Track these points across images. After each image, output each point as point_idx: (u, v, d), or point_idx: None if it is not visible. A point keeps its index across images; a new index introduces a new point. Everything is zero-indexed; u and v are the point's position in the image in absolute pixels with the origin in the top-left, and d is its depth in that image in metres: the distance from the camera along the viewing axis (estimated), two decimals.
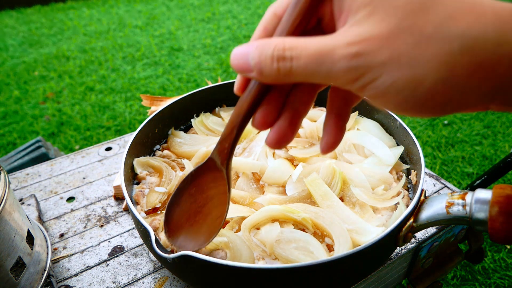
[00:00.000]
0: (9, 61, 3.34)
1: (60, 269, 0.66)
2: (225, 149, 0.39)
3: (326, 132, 0.34)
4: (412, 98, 0.25)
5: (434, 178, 0.82)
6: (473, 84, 0.24)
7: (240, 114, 0.34)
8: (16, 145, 2.27)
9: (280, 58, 0.27)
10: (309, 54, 0.26)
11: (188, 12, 4.38)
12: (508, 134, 2.15)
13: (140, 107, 2.58)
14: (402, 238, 0.52)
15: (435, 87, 0.24)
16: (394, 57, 0.24)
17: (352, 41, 0.25)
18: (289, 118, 0.33)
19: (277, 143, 0.33)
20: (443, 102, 0.25)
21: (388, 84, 0.25)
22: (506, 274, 1.42)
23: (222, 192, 0.43)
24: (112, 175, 0.87)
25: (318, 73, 0.26)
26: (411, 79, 0.25)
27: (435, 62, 0.24)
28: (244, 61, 0.29)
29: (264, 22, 0.32)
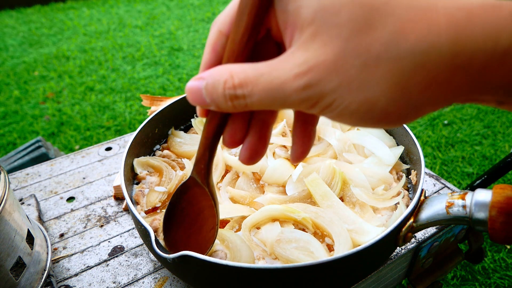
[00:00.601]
0: (9, 61, 3.34)
1: (60, 269, 0.66)
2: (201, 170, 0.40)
3: (295, 141, 0.33)
4: (368, 118, 0.25)
5: (434, 178, 0.82)
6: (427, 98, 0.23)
7: (208, 137, 0.34)
8: (16, 145, 2.27)
9: (233, 97, 0.27)
10: (260, 90, 0.26)
11: (188, 12, 4.38)
12: (508, 134, 2.15)
13: (140, 107, 2.58)
14: (402, 238, 0.52)
15: (388, 107, 0.24)
16: (344, 83, 0.24)
17: (299, 72, 0.24)
18: (258, 132, 0.33)
19: (250, 159, 0.33)
20: (400, 117, 0.25)
21: (342, 108, 0.25)
22: (506, 274, 1.42)
23: (209, 206, 0.45)
24: (112, 175, 0.87)
25: (274, 105, 0.26)
26: (363, 102, 0.24)
27: (385, 84, 0.23)
28: (199, 98, 0.28)
29: (211, 43, 0.31)
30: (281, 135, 0.76)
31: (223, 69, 0.27)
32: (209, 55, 0.31)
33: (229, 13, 0.30)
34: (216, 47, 0.31)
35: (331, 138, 0.72)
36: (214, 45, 0.31)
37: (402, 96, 0.23)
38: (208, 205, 0.45)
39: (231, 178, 0.68)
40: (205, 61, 0.31)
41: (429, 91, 0.23)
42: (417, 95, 0.23)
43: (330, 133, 0.73)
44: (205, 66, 0.31)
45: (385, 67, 0.23)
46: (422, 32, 0.22)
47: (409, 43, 0.22)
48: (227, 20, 0.30)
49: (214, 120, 0.33)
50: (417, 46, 0.22)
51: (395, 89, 0.23)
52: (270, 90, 0.25)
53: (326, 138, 0.73)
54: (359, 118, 0.25)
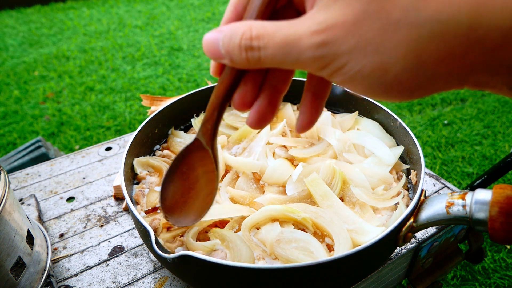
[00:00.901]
0: (9, 61, 3.34)
1: (60, 269, 0.66)
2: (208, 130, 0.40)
3: (302, 111, 0.33)
4: (379, 85, 0.25)
5: (434, 178, 0.82)
6: (442, 71, 0.23)
7: (219, 96, 0.34)
8: (16, 145, 2.27)
9: (248, 48, 0.27)
10: (275, 43, 0.26)
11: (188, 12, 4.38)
12: (508, 134, 2.15)
13: (140, 107, 2.58)
14: (402, 238, 0.52)
15: (402, 75, 0.24)
16: (360, 45, 0.24)
17: (317, 30, 0.25)
18: (268, 97, 0.33)
19: (258, 122, 0.33)
20: (411, 88, 0.25)
21: (355, 71, 0.25)
22: (506, 274, 1.42)
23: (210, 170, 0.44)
24: (112, 175, 0.87)
25: (287, 61, 0.26)
26: (377, 66, 0.24)
27: (402, 49, 0.23)
28: (215, 48, 0.29)
29: (233, 2, 0.31)
30: (281, 135, 0.76)
31: (243, 23, 0.28)
32: (230, 13, 0.31)
33: None
34: (238, 7, 0.31)
35: (331, 138, 0.72)
36: (236, 4, 0.31)
37: (417, 64, 0.23)
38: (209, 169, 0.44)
39: (231, 178, 0.68)
40: (225, 18, 0.32)
41: (444, 63, 0.23)
42: (431, 66, 0.23)
43: (330, 133, 0.73)
44: (225, 23, 0.32)
45: (404, 32, 0.23)
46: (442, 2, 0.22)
47: (428, 12, 0.22)
48: None
49: (227, 79, 0.33)
50: (437, 15, 0.22)
51: (411, 56, 0.23)
52: (286, 44, 0.26)
53: (326, 138, 0.73)
54: (370, 84, 0.25)
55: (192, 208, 0.47)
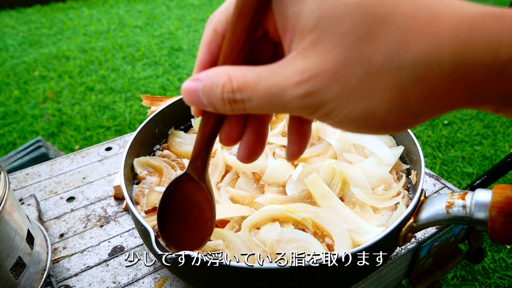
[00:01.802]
0: (9, 61, 3.34)
1: (60, 269, 0.66)
2: (198, 168, 0.40)
3: (290, 140, 0.33)
4: (367, 126, 0.25)
5: (434, 178, 0.82)
6: (427, 109, 0.24)
7: (205, 136, 0.34)
8: (16, 145, 2.27)
9: (231, 101, 0.26)
10: (259, 96, 0.25)
11: (188, 12, 4.38)
12: (508, 134, 2.15)
13: (140, 107, 2.58)
14: (402, 238, 0.52)
15: (388, 117, 0.24)
16: (344, 92, 0.24)
17: (300, 80, 0.24)
18: (255, 129, 0.32)
19: (249, 157, 0.33)
20: (398, 126, 0.25)
21: (341, 117, 0.25)
22: (506, 274, 1.42)
23: (205, 199, 0.45)
24: (112, 175, 0.87)
25: (273, 110, 0.26)
26: (363, 111, 0.24)
27: (386, 94, 0.23)
28: (196, 99, 0.28)
29: (207, 42, 0.30)
30: (281, 135, 0.76)
31: (221, 72, 0.27)
32: (204, 55, 0.30)
33: (225, 12, 0.29)
34: (211, 47, 0.30)
35: (331, 138, 0.72)
36: (209, 44, 0.30)
37: (402, 106, 0.23)
38: (204, 198, 0.45)
39: (231, 178, 0.68)
40: (200, 60, 0.31)
41: (429, 102, 0.23)
42: (416, 106, 0.23)
43: (330, 133, 0.73)
44: (200, 66, 0.31)
45: (387, 77, 0.23)
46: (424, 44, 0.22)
47: (411, 55, 0.22)
48: (222, 20, 0.29)
49: (211, 120, 0.33)
50: (419, 58, 0.22)
51: (395, 99, 0.23)
52: (270, 96, 0.25)
53: (326, 138, 0.73)
54: (358, 126, 0.25)
55: (192, 235, 0.48)
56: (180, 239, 0.48)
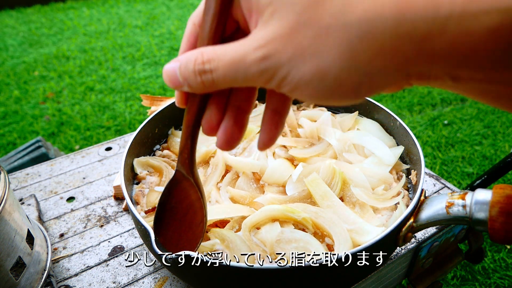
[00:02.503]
0: (9, 61, 3.34)
1: (60, 269, 0.66)
2: (185, 159, 0.41)
3: (262, 129, 0.35)
4: (322, 89, 0.26)
5: (434, 178, 0.82)
6: (377, 66, 0.24)
7: (189, 124, 0.36)
8: (16, 145, 2.27)
9: (201, 71, 0.29)
10: (224, 64, 0.28)
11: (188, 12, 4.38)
12: (508, 134, 2.15)
13: (140, 107, 2.58)
14: (402, 238, 0.52)
15: (341, 75, 0.25)
16: (297, 53, 0.25)
17: (258, 45, 0.27)
18: (233, 117, 0.34)
19: (226, 144, 0.35)
20: (353, 88, 0.26)
21: (297, 79, 0.26)
22: (506, 274, 1.42)
23: (196, 199, 0.45)
24: (112, 175, 0.87)
25: (237, 79, 0.28)
26: (316, 71, 0.25)
27: (336, 51, 0.24)
28: (174, 78, 0.31)
29: (187, 34, 0.34)
30: (281, 135, 0.76)
31: (195, 51, 0.30)
32: (185, 45, 0.34)
33: (201, 7, 0.33)
34: (191, 38, 0.34)
35: (331, 138, 0.72)
36: (189, 36, 0.34)
37: (352, 62, 0.24)
38: (195, 198, 0.45)
39: (231, 178, 0.68)
40: (181, 50, 0.35)
41: (378, 58, 0.24)
42: (366, 62, 0.24)
43: (330, 133, 0.73)
44: (181, 54, 0.34)
45: (335, 36, 0.24)
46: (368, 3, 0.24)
47: (355, 14, 0.24)
48: (199, 14, 0.33)
49: (193, 108, 0.35)
50: (363, 16, 0.24)
51: (345, 56, 0.24)
52: (233, 62, 0.28)
53: (326, 138, 0.73)
54: (314, 90, 0.26)
55: (185, 240, 0.48)
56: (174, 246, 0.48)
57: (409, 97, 2.54)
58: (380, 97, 2.49)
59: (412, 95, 2.57)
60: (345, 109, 0.84)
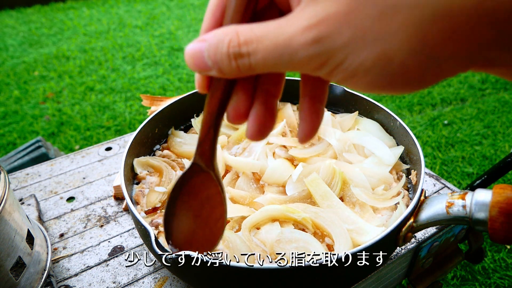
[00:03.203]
0: (9, 61, 3.34)
1: (60, 269, 0.66)
2: (206, 151, 0.37)
3: (302, 118, 0.30)
4: (384, 76, 0.23)
5: (434, 178, 0.82)
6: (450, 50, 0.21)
7: (213, 112, 0.32)
8: (16, 145, 2.27)
9: (237, 55, 0.25)
10: (266, 47, 0.24)
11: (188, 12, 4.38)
12: (508, 134, 2.15)
13: (140, 107, 2.58)
14: (402, 238, 0.52)
15: (407, 61, 0.22)
16: (357, 35, 0.22)
17: (308, 25, 0.22)
18: (264, 103, 0.30)
19: (259, 132, 0.30)
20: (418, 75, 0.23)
21: (355, 66, 0.23)
22: (506, 274, 1.42)
23: (215, 193, 0.42)
24: (112, 175, 0.87)
25: (280, 64, 0.24)
26: (379, 56, 0.22)
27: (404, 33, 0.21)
28: (201, 61, 0.26)
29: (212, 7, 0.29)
30: (281, 135, 0.76)
31: (228, 29, 0.25)
32: (209, 20, 0.29)
33: None
34: (216, 13, 0.29)
35: (331, 138, 0.72)
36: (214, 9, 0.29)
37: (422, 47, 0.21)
38: (214, 192, 0.41)
39: (231, 178, 0.68)
40: (205, 26, 0.29)
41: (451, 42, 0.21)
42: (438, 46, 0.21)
43: (330, 133, 0.73)
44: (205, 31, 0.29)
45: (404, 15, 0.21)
46: None
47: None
48: None
49: (217, 93, 0.30)
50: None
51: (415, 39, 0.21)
52: (276, 46, 0.23)
53: (326, 138, 0.73)
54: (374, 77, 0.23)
55: (202, 237, 0.44)
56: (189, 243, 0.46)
57: (409, 97, 2.54)
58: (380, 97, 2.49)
59: (412, 95, 2.57)
60: (345, 109, 0.84)
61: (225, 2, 0.28)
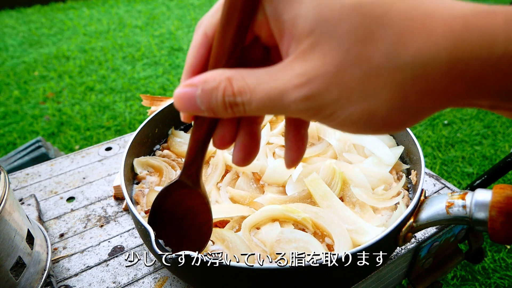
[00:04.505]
0: (9, 61, 3.34)
1: (60, 269, 0.66)
2: (193, 174, 0.39)
3: (288, 146, 0.33)
4: (369, 127, 0.25)
5: (434, 178, 0.82)
6: (427, 106, 0.24)
7: (199, 140, 0.34)
8: (16, 145, 2.27)
9: (233, 104, 0.26)
10: (259, 99, 0.25)
11: (188, 12, 4.38)
12: (508, 134, 2.15)
13: (140, 107, 2.58)
14: (402, 238, 0.52)
15: (389, 116, 0.24)
16: (344, 94, 0.24)
17: (299, 83, 0.24)
18: (248, 131, 0.32)
19: (244, 159, 0.33)
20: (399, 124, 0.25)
21: (343, 118, 0.25)
22: (506, 274, 1.42)
23: (201, 203, 0.44)
24: (112, 175, 0.87)
25: (273, 112, 0.26)
26: (364, 112, 0.24)
27: (387, 93, 0.23)
28: (192, 105, 0.27)
29: (196, 46, 0.30)
30: (281, 135, 0.76)
31: (219, 75, 0.26)
32: (194, 59, 0.30)
33: (215, 15, 0.29)
34: (201, 51, 0.30)
35: (331, 138, 0.72)
36: (199, 48, 0.30)
37: (403, 104, 0.24)
38: (199, 202, 0.44)
39: (231, 178, 0.68)
40: (189, 65, 0.30)
41: (428, 99, 0.24)
42: (417, 104, 0.24)
43: (330, 133, 0.73)
44: (190, 71, 0.30)
45: (386, 77, 0.23)
46: (421, 43, 0.22)
47: (409, 55, 0.22)
48: (213, 23, 0.29)
49: (205, 124, 0.32)
50: (417, 57, 0.22)
51: (396, 98, 0.23)
52: (269, 99, 0.25)
53: (326, 138, 0.73)
54: (359, 127, 0.25)
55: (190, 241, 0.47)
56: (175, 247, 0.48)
57: None
58: None
59: None
60: None
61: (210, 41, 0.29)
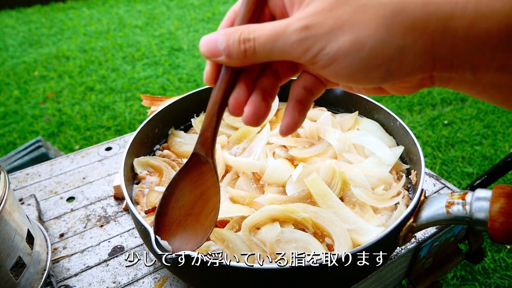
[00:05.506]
0: (9, 61, 3.34)
1: (60, 269, 0.66)
2: (207, 138, 0.40)
3: (286, 114, 0.36)
4: (358, 60, 0.29)
5: (434, 178, 0.82)
6: (408, 42, 0.28)
7: (216, 102, 0.37)
8: (16, 145, 2.27)
9: (246, 40, 0.32)
10: (267, 32, 0.31)
11: (188, 12, 4.38)
12: (508, 134, 2.15)
13: (140, 107, 2.58)
14: (402, 238, 0.52)
15: (377, 47, 0.28)
16: (337, 25, 0.29)
17: (300, 17, 0.30)
18: (261, 95, 0.36)
19: (254, 117, 0.35)
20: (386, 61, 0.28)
21: (335, 50, 0.29)
22: (506, 274, 1.42)
23: (211, 185, 0.44)
24: (112, 175, 0.87)
25: (276, 49, 0.31)
26: (354, 41, 0.28)
27: (373, 24, 0.28)
28: (213, 47, 0.33)
29: (226, 19, 0.37)
30: None
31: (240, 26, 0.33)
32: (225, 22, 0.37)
33: None
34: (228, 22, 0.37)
35: (331, 138, 0.72)
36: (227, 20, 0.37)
37: (387, 35, 0.28)
38: (208, 185, 0.44)
39: (231, 178, 0.68)
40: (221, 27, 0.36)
41: (409, 34, 0.27)
42: (400, 36, 0.28)
43: (330, 133, 0.73)
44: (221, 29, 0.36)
45: (372, 11, 0.28)
46: None
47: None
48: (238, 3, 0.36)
49: (222, 85, 0.36)
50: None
51: (381, 28, 0.28)
52: (275, 32, 0.31)
53: (326, 138, 0.73)
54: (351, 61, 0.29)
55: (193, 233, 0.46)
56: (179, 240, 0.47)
57: (409, 97, 2.54)
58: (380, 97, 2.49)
59: (412, 95, 2.57)
60: (345, 109, 0.84)
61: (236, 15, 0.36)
